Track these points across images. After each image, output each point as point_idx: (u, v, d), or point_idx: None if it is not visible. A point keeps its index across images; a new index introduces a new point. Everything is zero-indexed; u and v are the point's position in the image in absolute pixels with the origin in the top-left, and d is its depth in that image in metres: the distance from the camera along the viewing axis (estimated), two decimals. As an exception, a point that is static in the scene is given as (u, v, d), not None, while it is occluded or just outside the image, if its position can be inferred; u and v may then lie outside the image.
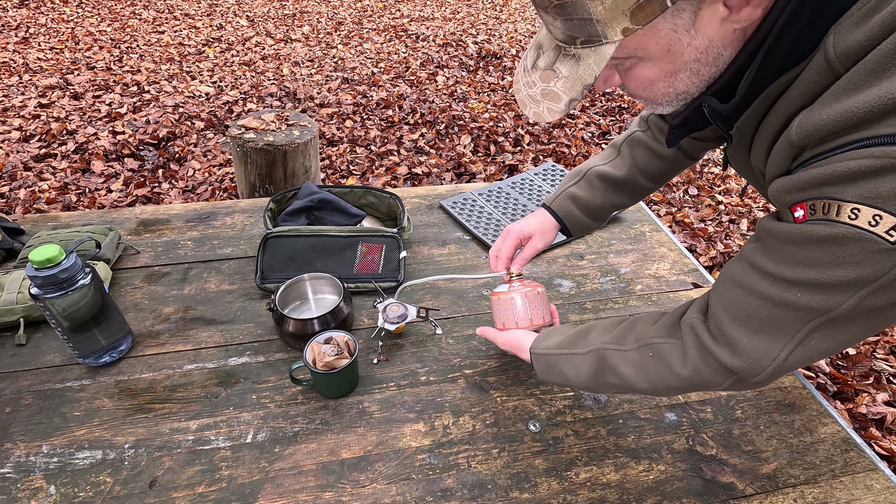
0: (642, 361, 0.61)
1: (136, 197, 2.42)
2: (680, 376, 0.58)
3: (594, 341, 0.67)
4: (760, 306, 0.50)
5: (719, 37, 0.45)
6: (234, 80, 3.72)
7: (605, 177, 0.82)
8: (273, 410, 0.81)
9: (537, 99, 0.52)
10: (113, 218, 1.21)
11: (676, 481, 0.73)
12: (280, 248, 1.05)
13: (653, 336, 0.61)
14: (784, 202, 0.46)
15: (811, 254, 0.44)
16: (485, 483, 0.72)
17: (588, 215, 0.84)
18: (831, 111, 0.40)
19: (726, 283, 0.54)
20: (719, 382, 0.56)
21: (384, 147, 2.96)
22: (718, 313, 0.54)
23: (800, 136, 0.43)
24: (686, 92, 0.50)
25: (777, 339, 0.50)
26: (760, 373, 0.52)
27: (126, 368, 0.86)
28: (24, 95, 3.29)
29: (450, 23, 5.44)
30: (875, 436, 1.46)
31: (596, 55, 0.46)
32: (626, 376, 0.62)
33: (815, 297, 0.45)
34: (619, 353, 0.63)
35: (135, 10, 5.30)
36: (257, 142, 1.84)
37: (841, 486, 0.74)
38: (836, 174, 0.40)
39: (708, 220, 2.44)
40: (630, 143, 0.83)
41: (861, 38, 0.39)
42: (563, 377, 0.69)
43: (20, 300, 0.89)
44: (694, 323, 0.57)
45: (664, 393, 0.61)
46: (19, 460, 0.72)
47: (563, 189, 0.85)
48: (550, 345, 0.72)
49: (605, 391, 0.67)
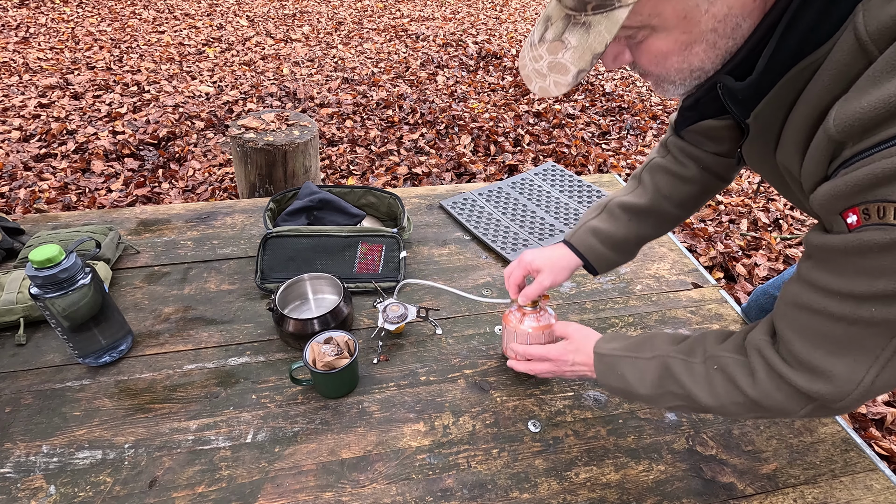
0: (707, 374, 0.57)
1: (136, 197, 2.42)
2: (746, 394, 0.54)
3: (660, 348, 0.63)
4: (834, 327, 0.46)
5: (739, 4, 0.42)
6: (234, 80, 3.72)
7: (628, 207, 0.77)
8: (273, 410, 0.81)
9: (543, 73, 0.49)
10: (113, 218, 1.21)
11: (676, 481, 0.73)
12: (280, 248, 1.05)
13: (720, 351, 0.57)
14: (833, 209, 0.43)
15: (875, 263, 0.41)
16: (485, 483, 0.72)
17: (612, 249, 0.78)
18: (871, 98, 0.37)
19: (790, 307, 0.50)
20: (795, 409, 0.52)
21: (384, 147, 2.96)
22: (789, 336, 0.50)
23: (839, 129, 0.40)
24: (701, 69, 0.47)
25: (860, 360, 0.46)
26: (846, 397, 0.47)
27: (126, 368, 0.86)
28: (24, 95, 3.29)
29: (450, 23, 5.44)
30: (875, 436, 1.46)
31: (608, 21, 0.43)
32: (689, 388, 0.58)
33: (891, 308, 0.42)
34: (684, 363, 0.60)
35: (135, 10, 5.30)
36: (257, 142, 1.84)
37: (841, 487, 0.74)
38: (888, 172, 0.37)
39: (708, 220, 2.44)
40: (650, 171, 0.78)
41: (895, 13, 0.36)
42: (623, 381, 0.65)
43: (20, 300, 0.89)
44: (761, 345, 0.54)
45: (732, 411, 0.57)
46: (19, 460, 0.72)
47: (583, 223, 0.80)
48: (615, 346, 0.68)
49: (665, 404, 0.62)
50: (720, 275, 2.11)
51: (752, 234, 2.32)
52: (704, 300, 1.05)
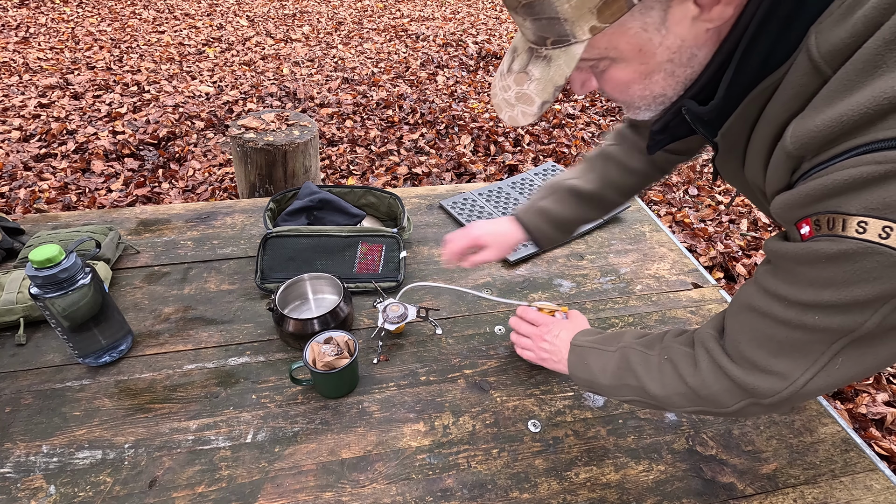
0: (659, 365, 0.60)
1: (136, 197, 2.42)
2: (686, 383, 0.56)
3: (625, 341, 0.66)
4: (778, 330, 0.47)
5: (692, 36, 0.44)
6: (234, 80, 3.72)
7: (577, 192, 0.82)
8: (273, 410, 0.81)
9: (512, 103, 0.51)
10: (113, 218, 1.21)
11: (676, 481, 0.73)
12: (280, 248, 1.05)
13: (674, 343, 0.60)
14: (788, 219, 0.44)
15: (823, 273, 0.42)
16: (485, 483, 0.72)
17: (557, 228, 0.85)
18: (825, 117, 0.38)
19: (741, 307, 0.52)
20: (727, 402, 0.54)
21: (384, 147, 2.96)
22: (735, 336, 0.52)
23: (795, 145, 0.41)
24: (663, 94, 0.49)
25: (798, 362, 0.47)
26: (776, 394, 0.49)
27: (126, 368, 0.86)
28: (24, 95, 3.29)
29: (450, 23, 5.44)
30: (875, 436, 1.46)
31: (566, 55, 0.45)
32: (643, 378, 0.61)
33: (833, 318, 0.43)
34: (642, 355, 0.62)
35: (135, 9, 5.30)
36: (257, 142, 1.84)
37: (841, 487, 0.74)
38: (838, 184, 0.38)
39: (708, 220, 2.44)
40: (604, 158, 0.82)
41: (845, 36, 0.37)
42: (588, 371, 0.68)
43: (20, 300, 0.89)
44: (706, 338, 0.56)
45: (676, 402, 0.59)
46: (19, 460, 0.72)
47: (534, 203, 0.85)
48: (589, 339, 0.71)
49: (623, 395, 0.65)
50: (720, 275, 2.11)
51: (752, 234, 2.32)
52: (704, 300, 1.05)
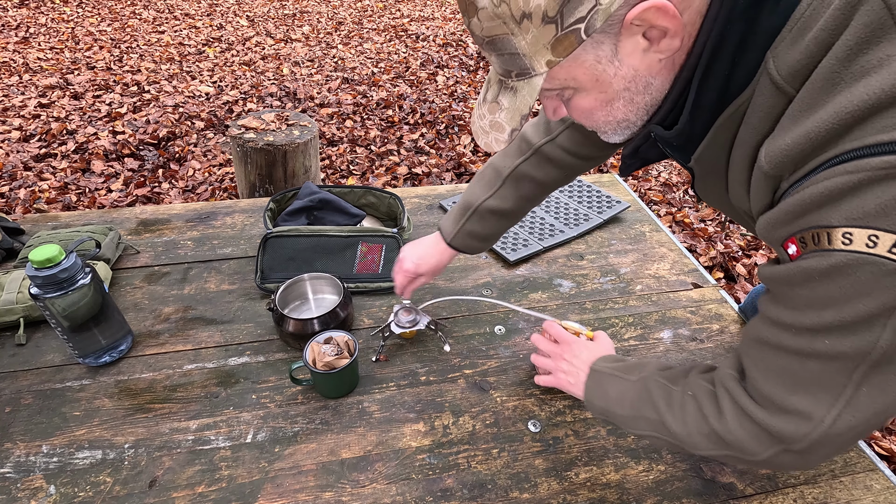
0: (682, 401, 0.56)
1: (136, 197, 2.42)
2: (711, 426, 0.52)
3: (646, 372, 0.63)
4: (791, 361, 0.45)
5: (644, 66, 0.45)
6: (234, 80, 3.72)
7: (495, 210, 0.84)
8: (273, 410, 0.81)
9: (486, 130, 0.54)
10: (113, 218, 1.21)
11: (676, 481, 0.73)
12: (280, 248, 1.05)
13: (699, 379, 0.57)
14: (774, 239, 0.44)
15: (819, 293, 0.40)
16: (485, 483, 0.72)
17: (483, 242, 0.89)
18: (793, 135, 0.39)
19: (752, 342, 0.50)
20: (756, 450, 0.50)
21: (384, 147, 2.96)
22: (752, 373, 0.50)
23: (770, 164, 0.42)
24: (626, 120, 0.50)
25: (819, 397, 0.44)
26: (803, 438, 0.45)
27: (126, 368, 0.86)
28: (24, 95, 3.29)
29: (450, 23, 5.44)
30: (875, 436, 1.46)
31: (528, 87, 0.48)
32: (663, 413, 0.57)
33: (843, 340, 0.40)
34: (664, 388, 0.59)
35: (135, 9, 5.30)
36: (257, 142, 1.84)
37: (841, 487, 0.74)
38: (815, 198, 0.38)
39: (708, 220, 2.44)
40: (515, 178, 0.82)
41: (800, 58, 0.39)
42: (605, 399, 0.65)
43: (20, 300, 0.89)
44: (725, 378, 0.53)
45: (698, 443, 0.54)
46: (19, 460, 0.72)
47: (460, 226, 0.87)
48: (610, 365, 0.68)
49: (638, 429, 0.61)
50: (720, 275, 2.11)
51: (752, 234, 2.32)
52: (704, 300, 1.05)
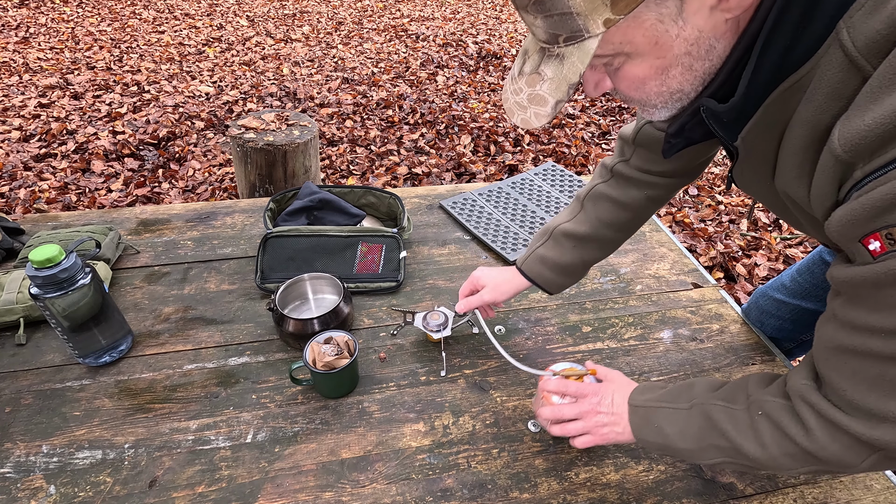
0: (752, 422, 0.52)
1: (136, 197, 2.42)
2: (798, 444, 0.49)
3: (699, 395, 0.59)
4: (885, 367, 0.42)
5: (710, 27, 0.41)
6: (234, 80, 3.72)
7: (570, 234, 0.80)
8: (273, 410, 0.81)
9: (524, 105, 0.50)
10: (113, 218, 1.21)
11: (676, 481, 0.73)
12: (280, 248, 1.05)
13: (765, 395, 0.53)
14: (851, 236, 0.40)
15: None
16: (485, 483, 0.72)
17: (560, 273, 0.82)
18: (874, 115, 0.35)
19: (831, 351, 0.47)
20: (854, 461, 0.47)
21: (384, 147, 2.96)
22: (837, 383, 0.46)
23: (846, 149, 0.37)
24: (680, 90, 0.47)
25: None
26: None
27: (126, 368, 0.86)
28: (24, 95, 3.29)
29: (450, 23, 5.44)
30: (875, 436, 1.46)
31: (579, 51, 0.43)
32: (734, 438, 0.53)
33: None
34: (727, 411, 0.55)
35: (135, 9, 5.30)
36: (257, 142, 1.84)
37: (841, 486, 0.74)
38: None
39: (708, 220, 2.44)
40: (592, 198, 0.80)
41: (881, 27, 0.35)
42: (661, 434, 0.60)
43: (20, 300, 0.89)
44: (804, 391, 0.49)
45: (784, 464, 0.51)
46: (19, 460, 0.72)
47: (532, 250, 0.83)
48: (650, 397, 0.63)
49: (708, 459, 0.57)
50: (720, 275, 2.11)
51: (752, 234, 2.32)
52: (704, 300, 1.05)
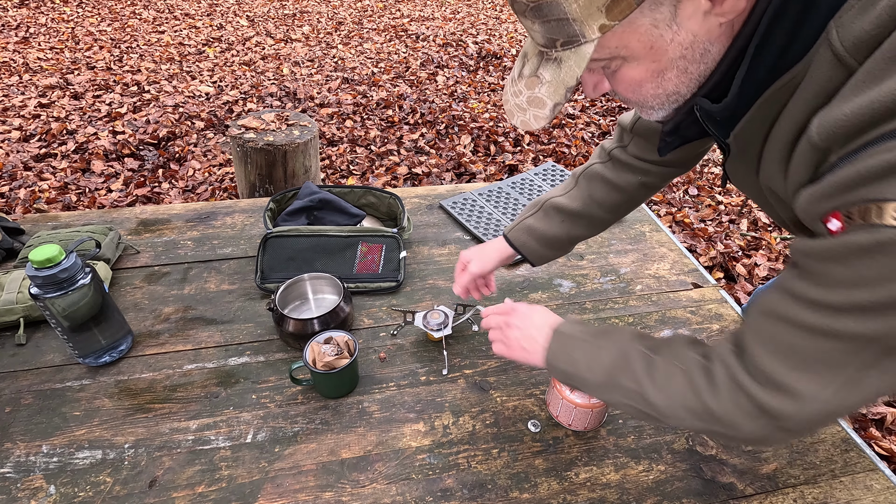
0: (668, 371, 0.54)
1: (136, 197, 2.42)
2: (701, 399, 0.51)
3: (624, 339, 0.60)
4: (804, 339, 0.43)
5: (704, 31, 0.42)
6: (234, 80, 3.72)
7: (561, 208, 0.81)
8: (273, 410, 0.81)
9: (524, 107, 0.51)
10: (113, 218, 1.21)
11: (676, 481, 0.73)
12: (280, 248, 1.05)
13: (688, 351, 0.55)
14: (815, 214, 0.41)
15: (856, 271, 0.38)
16: (485, 483, 0.72)
17: (545, 246, 0.83)
18: (853, 105, 0.36)
19: (762, 316, 0.48)
20: (743, 426, 0.49)
21: (384, 147, 2.96)
22: (754, 348, 0.48)
23: (822, 136, 0.39)
24: (677, 92, 0.48)
25: (825, 377, 0.43)
26: (801, 415, 0.45)
27: (126, 368, 0.86)
28: (24, 95, 3.29)
29: (450, 23, 5.44)
30: (875, 436, 1.46)
31: (576, 56, 0.45)
32: (644, 382, 0.55)
33: (868, 323, 0.39)
34: (645, 357, 0.56)
35: (135, 9, 5.30)
36: (257, 142, 1.84)
37: (841, 487, 0.74)
38: (871, 171, 0.35)
39: (708, 220, 2.44)
40: (587, 176, 0.81)
41: (869, 28, 0.36)
42: (573, 364, 0.61)
43: (20, 300, 0.89)
44: (724, 353, 0.51)
45: (680, 416, 0.53)
46: (19, 460, 0.72)
47: (521, 220, 0.85)
48: (578, 329, 0.65)
49: (611, 397, 0.59)
50: (720, 275, 2.11)
51: (752, 234, 2.32)
52: (704, 300, 1.05)
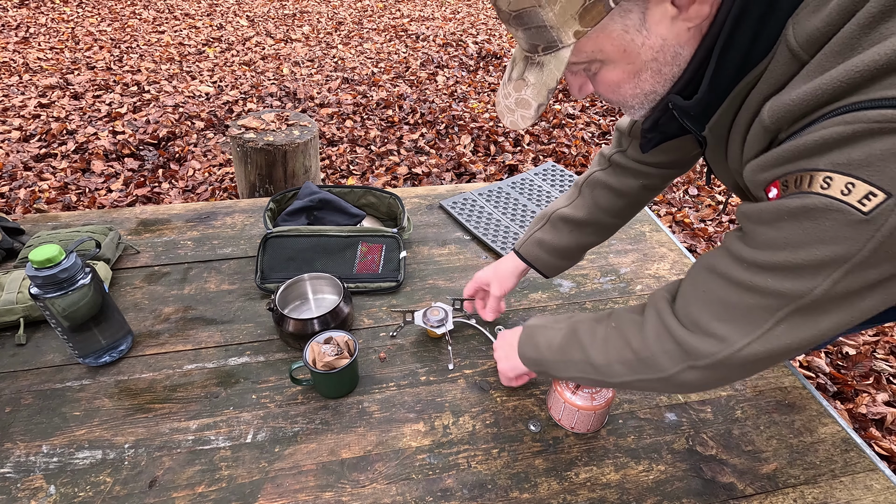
0: (606, 333, 0.61)
1: (136, 197, 2.42)
2: (631, 346, 0.57)
3: (576, 318, 0.68)
4: (730, 292, 0.49)
5: (673, 35, 0.45)
6: (234, 80, 3.72)
7: (568, 219, 0.84)
8: (273, 410, 0.81)
9: (512, 108, 0.55)
10: (113, 218, 1.21)
11: (676, 481, 0.73)
12: (280, 248, 1.05)
13: (625, 312, 0.62)
14: (758, 183, 0.45)
15: (782, 233, 0.43)
16: (485, 483, 0.72)
17: (557, 257, 0.86)
18: (800, 91, 0.40)
19: (700, 269, 0.53)
20: (666, 366, 0.54)
21: (384, 147, 2.96)
22: (687, 296, 0.54)
23: (772, 118, 0.43)
24: (654, 92, 0.51)
25: (741, 327, 0.48)
26: (710, 356, 0.50)
27: (126, 368, 0.86)
28: (24, 95, 3.29)
29: (450, 23, 5.44)
30: (875, 436, 1.46)
31: (556, 60, 0.48)
32: (588, 349, 0.62)
33: (785, 281, 0.44)
34: (591, 327, 0.64)
35: (135, 9, 5.30)
36: (257, 142, 1.84)
37: (841, 487, 0.74)
38: (808, 145, 0.39)
39: (708, 220, 2.44)
40: (590, 185, 0.83)
41: (820, 25, 0.39)
42: (536, 349, 0.70)
43: (20, 300, 0.89)
44: (658, 299, 0.57)
45: (616, 371, 0.60)
46: (19, 460, 0.72)
47: (530, 234, 0.87)
48: (541, 320, 0.73)
49: (569, 372, 0.66)
50: (720, 275, 2.11)
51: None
52: (704, 300, 1.05)
